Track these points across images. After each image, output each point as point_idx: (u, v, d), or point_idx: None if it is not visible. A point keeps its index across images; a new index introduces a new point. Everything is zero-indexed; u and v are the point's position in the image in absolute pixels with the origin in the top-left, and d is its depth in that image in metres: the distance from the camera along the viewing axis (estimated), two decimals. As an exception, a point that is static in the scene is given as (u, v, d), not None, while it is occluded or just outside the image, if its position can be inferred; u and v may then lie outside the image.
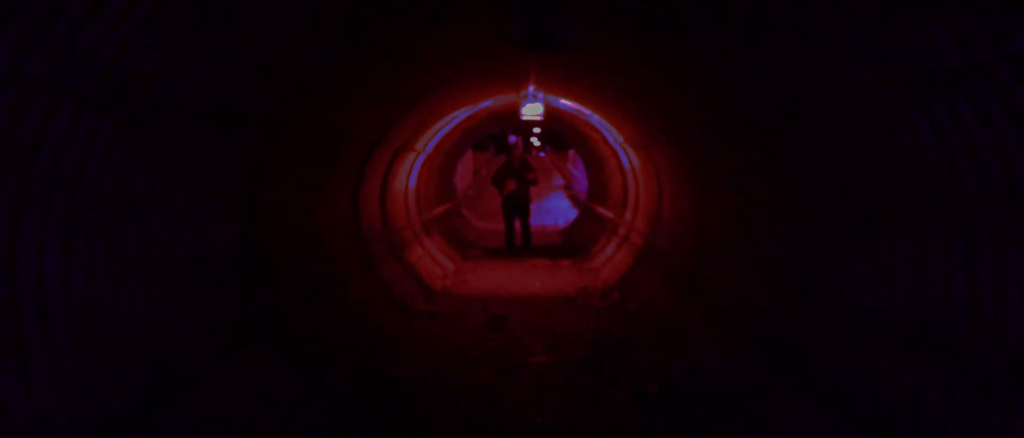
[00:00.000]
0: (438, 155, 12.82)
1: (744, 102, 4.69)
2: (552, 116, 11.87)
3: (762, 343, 4.57)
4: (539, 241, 13.67)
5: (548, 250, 12.97)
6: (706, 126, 5.79)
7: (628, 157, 10.49)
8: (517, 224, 12.26)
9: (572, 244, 13.84)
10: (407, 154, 9.42)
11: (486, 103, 10.45)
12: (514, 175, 12.06)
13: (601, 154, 13.42)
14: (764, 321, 4.57)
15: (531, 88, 9.11)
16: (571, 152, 29.74)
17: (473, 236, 15.03)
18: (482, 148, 40.18)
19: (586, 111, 10.09)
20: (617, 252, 10.44)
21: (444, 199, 14.86)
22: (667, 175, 8.17)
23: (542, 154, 48.93)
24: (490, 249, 13.19)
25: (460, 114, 10.52)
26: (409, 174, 10.44)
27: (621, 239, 10.75)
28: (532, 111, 10.08)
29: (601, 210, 12.87)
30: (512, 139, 11.81)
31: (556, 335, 6.76)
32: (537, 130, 51.14)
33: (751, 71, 4.28)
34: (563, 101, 10.18)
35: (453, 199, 16.60)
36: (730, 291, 5.29)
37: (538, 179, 12.73)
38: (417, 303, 7.76)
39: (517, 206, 12.22)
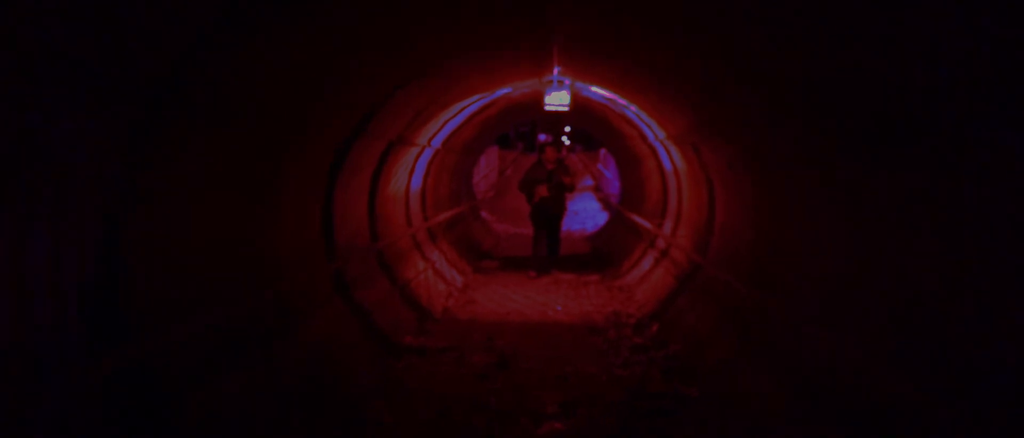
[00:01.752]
0: (451, 152, 11.29)
1: (863, 87, 3.09)
2: (580, 108, 10.27)
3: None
4: (565, 250, 12.07)
5: (574, 261, 11.38)
6: (786, 120, 4.18)
7: (670, 157, 8.86)
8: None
9: (601, 254, 12.24)
10: (405, 149, 7.89)
11: (503, 90, 8.88)
12: (547, 179, 9.91)
13: (636, 153, 11.80)
14: (904, 418, 2.96)
15: (556, 72, 7.54)
16: (602, 151, 28.14)
17: (490, 243, 13.49)
18: (509, 146, 38.62)
19: (621, 101, 8.48)
20: (654, 269, 8.82)
21: (459, 201, 13.33)
22: (722, 180, 6.54)
23: (572, 154, 47.19)
24: (507, 258, 11.63)
25: (472, 104, 8.97)
26: (411, 173, 8.91)
27: (659, 253, 9.13)
28: (557, 100, 8.49)
29: (635, 218, 11.24)
30: (542, 137, 9.83)
31: (578, 387, 5.19)
32: (567, 128, 49.56)
33: (884, 42, 2.68)
34: (594, 89, 8.58)
35: (471, 200, 15.06)
36: (827, 352, 3.68)
37: (576, 184, 10.63)
38: (405, 335, 6.23)
39: (548, 217, 10.12)
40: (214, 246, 3.90)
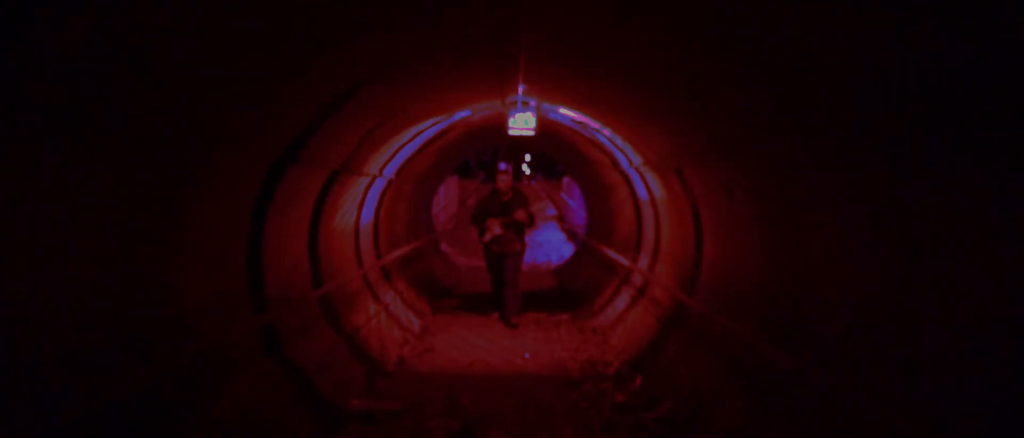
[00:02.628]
0: (407, 182, 10.41)
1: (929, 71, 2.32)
2: (547, 132, 9.49)
3: None
4: (530, 285, 11.22)
5: (541, 298, 10.53)
6: (812, 125, 3.42)
7: (647, 185, 8.10)
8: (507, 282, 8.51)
9: (569, 290, 11.40)
10: (352, 179, 7.00)
11: (462, 113, 8.07)
12: (500, 213, 8.34)
13: (607, 181, 11.05)
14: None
15: (521, 90, 6.74)
16: (566, 180, 27.48)
17: (451, 279, 12.57)
18: (470, 175, 37.79)
19: (593, 123, 7.72)
20: (631, 308, 8.01)
21: (418, 235, 12.42)
22: (712, 210, 5.77)
23: (533, 182, 46.52)
24: (469, 296, 10.73)
25: (428, 128, 8.13)
26: (361, 206, 8.01)
27: (635, 291, 8.32)
28: (522, 123, 7.70)
29: (607, 251, 10.45)
30: (503, 166, 8.65)
31: (557, 461, 4.32)
32: (528, 157, 48.90)
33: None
34: (562, 111, 7.82)
35: (430, 233, 14.15)
36: (880, 427, 2.87)
37: (535, 218, 8.86)
38: (352, 395, 5.30)
39: (503, 260, 8.50)
40: (83, 308, 2.98)
